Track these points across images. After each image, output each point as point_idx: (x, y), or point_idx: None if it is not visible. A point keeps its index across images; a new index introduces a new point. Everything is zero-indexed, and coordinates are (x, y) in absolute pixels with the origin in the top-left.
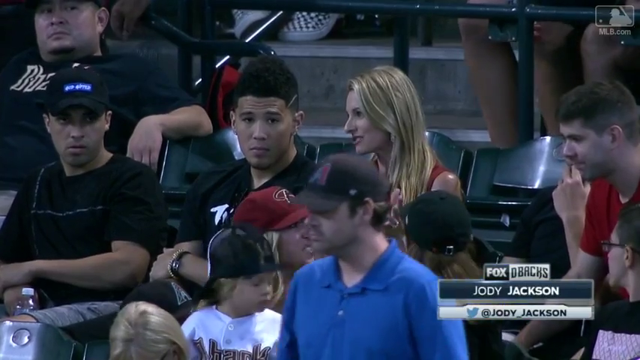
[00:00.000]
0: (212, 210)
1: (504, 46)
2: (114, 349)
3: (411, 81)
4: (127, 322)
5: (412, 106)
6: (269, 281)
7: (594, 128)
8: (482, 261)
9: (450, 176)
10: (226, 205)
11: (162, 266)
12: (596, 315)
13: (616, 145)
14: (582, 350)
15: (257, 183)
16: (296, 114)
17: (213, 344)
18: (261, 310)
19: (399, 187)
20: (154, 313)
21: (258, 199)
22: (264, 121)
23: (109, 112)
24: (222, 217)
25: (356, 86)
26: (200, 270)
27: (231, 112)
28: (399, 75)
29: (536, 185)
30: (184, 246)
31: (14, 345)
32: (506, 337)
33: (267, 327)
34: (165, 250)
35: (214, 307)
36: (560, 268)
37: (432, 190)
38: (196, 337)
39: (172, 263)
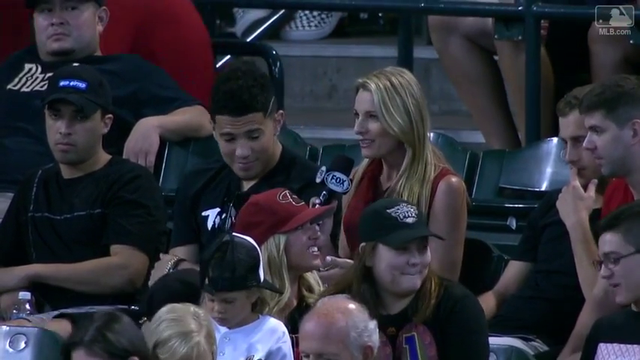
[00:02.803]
0: (203, 214)
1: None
2: (179, 348)
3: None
4: (191, 316)
5: (424, 113)
6: (226, 299)
7: (615, 121)
8: (488, 265)
9: (454, 179)
10: (218, 209)
11: (159, 275)
12: (593, 327)
13: (637, 140)
14: None
15: (246, 185)
16: (276, 115)
17: None
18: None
19: (401, 195)
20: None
21: (263, 202)
22: (245, 139)
23: (109, 115)
24: (214, 222)
25: (372, 86)
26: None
27: (210, 121)
28: (409, 77)
29: (544, 187)
30: (179, 251)
31: (11, 350)
32: (513, 342)
33: (264, 337)
34: (162, 256)
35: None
36: (567, 272)
37: (437, 196)
38: None
39: (169, 271)
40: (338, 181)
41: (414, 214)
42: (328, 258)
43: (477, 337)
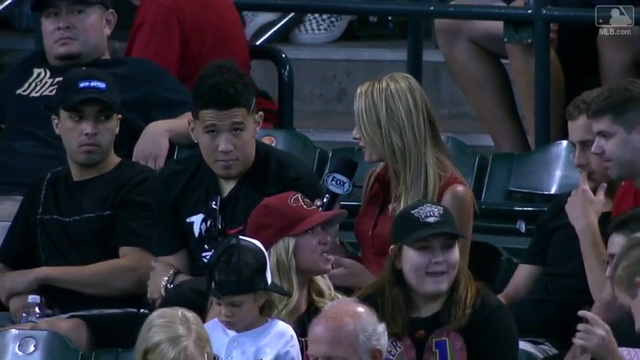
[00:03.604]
0: (188, 220)
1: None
2: (168, 353)
3: (418, 90)
4: (179, 321)
5: (409, 124)
6: (233, 303)
7: (623, 125)
8: (497, 268)
9: (460, 188)
10: (202, 216)
11: (156, 288)
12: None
13: None
14: None
15: (226, 188)
16: (256, 116)
17: (214, 359)
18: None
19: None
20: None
21: (273, 204)
22: (228, 133)
23: (119, 116)
24: (200, 228)
25: (356, 93)
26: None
27: (189, 120)
28: (400, 86)
29: (553, 190)
30: (170, 260)
31: (20, 353)
32: (523, 345)
33: (272, 340)
34: (154, 264)
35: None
36: (577, 275)
37: (442, 203)
38: None
39: (167, 284)
40: (338, 182)
41: (436, 214)
42: (331, 257)
43: (509, 347)
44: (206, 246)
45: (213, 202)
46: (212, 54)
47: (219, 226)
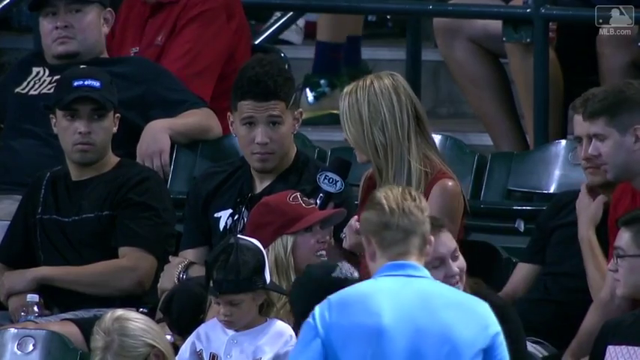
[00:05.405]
0: (215, 215)
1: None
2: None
3: (403, 86)
4: (102, 331)
5: (392, 120)
6: (232, 302)
7: (617, 127)
8: (496, 267)
9: (450, 183)
10: (230, 211)
11: (168, 278)
12: (602, 329)
13: (639, 146)
14: None
15: (259, 186)
16: (295, 112)
17: (213, 357)
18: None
19: None
20: (130, 318)
21: (272, 203)
22: (265, 126)
23: (118, 115)
24: (226, 222)
25: (341, 95)
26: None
27: (229, 114)
28: (384, 84)
29: (552, 190)
30: (189, 254)
31: (19, 352)
32: (529, 348)
33: (271, 340)
34: (171, 258)
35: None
36: (575, 274)
37: (430, 200)
38: (197, 349)
39: (179, 274)
40: (330, 181)
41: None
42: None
43: (521, 345)
44: None
45: (243, 198)
46: (246, 53)
47: (245, 222)
